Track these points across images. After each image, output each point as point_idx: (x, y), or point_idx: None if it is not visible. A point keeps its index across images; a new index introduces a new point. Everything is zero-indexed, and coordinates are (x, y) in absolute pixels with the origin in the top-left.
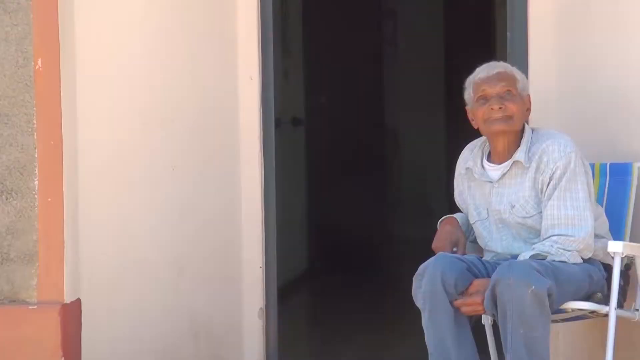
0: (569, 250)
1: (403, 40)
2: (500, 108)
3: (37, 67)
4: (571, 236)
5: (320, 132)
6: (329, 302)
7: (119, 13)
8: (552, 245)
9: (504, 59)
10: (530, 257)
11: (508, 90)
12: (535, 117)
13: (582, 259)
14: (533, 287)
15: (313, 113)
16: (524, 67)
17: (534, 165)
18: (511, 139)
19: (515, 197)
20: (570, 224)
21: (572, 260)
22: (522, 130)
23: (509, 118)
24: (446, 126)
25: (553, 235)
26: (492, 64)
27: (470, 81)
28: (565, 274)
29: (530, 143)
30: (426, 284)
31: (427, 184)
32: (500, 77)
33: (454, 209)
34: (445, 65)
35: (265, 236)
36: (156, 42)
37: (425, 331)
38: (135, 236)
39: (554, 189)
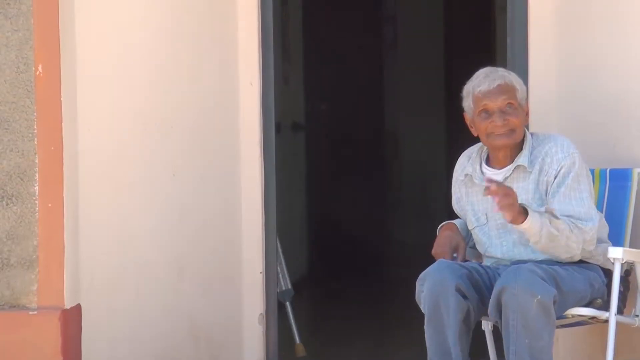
0: (577, 231)
1: (403, 44)
2: (503, 124)
3: (37, 72)
4: (579, 223)
5: (320, 136)
6: (329, 306)
7: (120, 18)
8: (564, 220)
9: (504, 64)
10: (544, 210)
11: (509, 103)
12: (535, 121)
13: (579, 257)
14: (539, 297)
15: (313, 118)
16: (524, 72)
17: (537, 168)
18: (512, 147)
19: (518, 201)
20: (577, 217)
21: (576, 241)
22: (523, 135)
23: (512, 132)
24: (446, 130)
25: (564, 217)
26: (491, 73)
27: (470, 92)
28: (568, 284)
29: (532, 147)
30: (427, 289)
31: (427, 187)
32: (501, 90)
33: (454, 213)
34: (445, 69)
35: (266, 241)
36: (156, 47)
37: (426, 335)
38: (135, 241)
39: (559, 186)
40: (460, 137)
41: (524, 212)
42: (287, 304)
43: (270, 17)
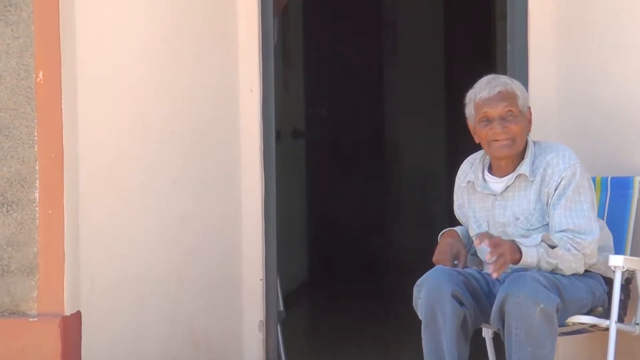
0: (576, 250)
1: (403, 50)
2: (503, 131)
3: (38, 79)
4: (578, 238)
5: (320, 142)
6: (329, 313)
7: (120, 25)
8: (562, 238)
9: (504, 71)
10: (540, 240)
11: (509, 110)
12: (535, 129)
13: (583, 270)
14: (542, 305)
15: (313, 124)
16: (524, 79)
17: (538, 178)
18: (514, 155)
19: (519, 210)
20: (577, 230)
21: (576, 261)
22: (525, 144)
23: (512, 141)
24: (447, 136)
25: (563, 233)
26: (493, 80)
27: (471, 98)
28: (569, 292)
29: (534, 156)
30: (424, 296)
31: (428, 194)
32: (502, 97)
33: (454, 219)
34: (445, 75)
35: (266, 248)
36: (157, 53)
37: (422, 341)
38: (135, 247)
39: (560, 198)
40: (460, 143)
41: (518, 250)
42: (278, 326)
43: (271, 23)
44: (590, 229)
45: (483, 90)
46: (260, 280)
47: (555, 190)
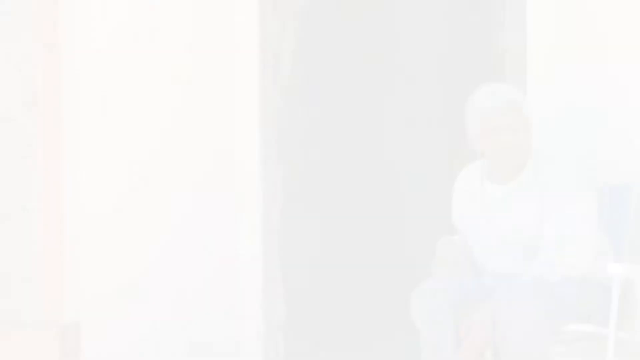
0: (558, 265)
1: (403, 60)
2: (508, 140)
3: (39, 89)
4: (562, 250)
5: (319, 151)
6: (331, 321)
7: (120, 35)
8: (540, 265)
9: (503, 79)
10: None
11: (515, 119)
12: (533, 136)
13: (580, 277)
14: (534, 309)
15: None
16: (522, 87)
17: (537, 187)
18: (515, 164)
19: (519, 218)
20: (561, 240)
21: (561, 273)
22: (527, 153)
23: (517, 148)
24: (446, 145)
25: (542, 254)
26: (495, 90)
27: (475, 108)
28: (566, 299)
29: (535, 166)
30: (422, 306)
31: (427, 203)
32: (508, 106)
33: (454, 228)
34: (445, 85)
35: (265, 256)
36: (157, 60)
37: (422, 351)
38: (135, 257)
39: (552, 208)
40: (460, 153)
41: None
42: (279, 333)
43: (270, 32)
44: (576, 237)
45: (487, 101)
46: (260, 288)
47: (551, 199)
